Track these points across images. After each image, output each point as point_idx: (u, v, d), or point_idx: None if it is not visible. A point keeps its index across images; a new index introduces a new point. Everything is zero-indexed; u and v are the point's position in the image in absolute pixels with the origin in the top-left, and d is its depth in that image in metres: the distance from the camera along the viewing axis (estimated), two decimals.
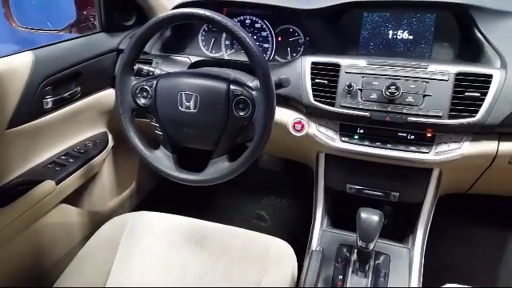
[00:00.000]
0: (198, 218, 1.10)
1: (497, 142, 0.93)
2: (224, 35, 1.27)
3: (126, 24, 1.31)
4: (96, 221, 1.29)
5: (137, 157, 0.97)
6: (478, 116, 0.88)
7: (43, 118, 1.06)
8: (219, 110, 0.88)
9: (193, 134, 0.92)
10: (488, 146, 0.93)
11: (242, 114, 0.88)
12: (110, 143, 1.32)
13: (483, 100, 0.88)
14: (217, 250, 0.99)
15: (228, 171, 0.89)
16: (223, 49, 1.27)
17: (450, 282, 0.89)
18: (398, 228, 1.16)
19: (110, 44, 1.25)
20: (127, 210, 1.51)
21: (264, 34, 1.22)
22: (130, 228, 1.05)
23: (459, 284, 0.88)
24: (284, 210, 1.74)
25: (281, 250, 1.00)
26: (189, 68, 1.17)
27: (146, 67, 1.06)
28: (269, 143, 0.89)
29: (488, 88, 0.88)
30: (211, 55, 1.28)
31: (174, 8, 1.18)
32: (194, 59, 1.19)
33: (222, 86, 0.88)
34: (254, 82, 0.94)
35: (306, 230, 1.19)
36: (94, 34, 1.26)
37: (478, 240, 1.51)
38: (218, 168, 0.91)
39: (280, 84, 0.90)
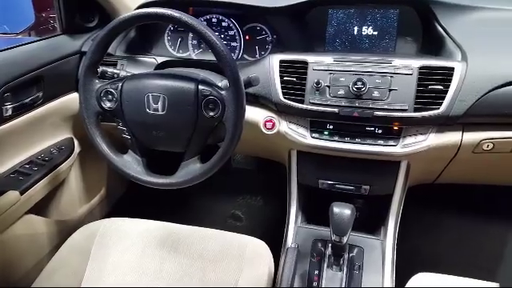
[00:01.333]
0: (171, 221, 1.08)
1: (461, 133, 0.96)
2: (191, 35, 1.25)
3: (89, 25, 1.27)
4: (65, 230, 1.25)
5: (105, 162, 0.94)
6: (442, 108, 0.91)
7: (3, 126, 1.01)
8: (188, 111, 0.87)
9: (162, 137, 0.90)
10: (453, 137, 0.97)
11: (211, 114, 0.87)
12: (77, 149, 1.28)
13: (446, 92, 0.91)
14: (192, 252, 0.98)
15: (200, 173, 0.88)
16: (190, 48, 1.25)
17: (422, 270, 0.92)
18: (370, 220, 1.18)
19: (72, 46, 1.21)
20: (98, 217, 1.47)
21: (231, 32, 1.21)
22: (101, 235, 1.03)
23: (431, 272, 0.91)
24: (259, 209, 1.74)
25: (257, 249, 1.00)
26: (155, 69, 1.15)
27: (110, 69, 1.03)
28: (241, 142, 0.88)
29: (450, 81, 0.91)
30: (178, 55, 1.26)
31: (137, 8, 1.15)
32: (160, 60, 1.17)
33: (191, 86, 0.87)
34: (223, 82, 0.94)
35: (281, 227, 1.20)
36: (55, 36, 1.22)
37: (446, 227, 1.57)
38: (190, 170, 0.90)
39: (249, 83, 0.90)
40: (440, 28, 1.01)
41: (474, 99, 0.90)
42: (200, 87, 0.87)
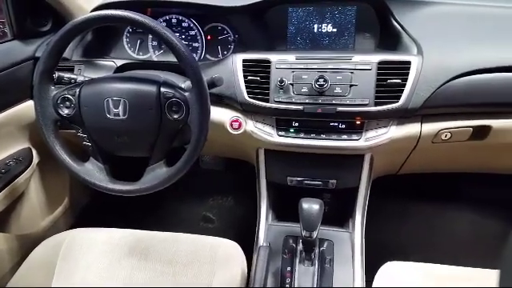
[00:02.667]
0: (141, 228, 1.06)
1: (420, 124, 1.00)
2: (151, 36, 1.22)
3: (42, 30, 1.21)
4: (27, 245, 1.19)
5: (67, 171, 0.90)
6: (401, 101, 0.94)
7: None
8: (151, 114, 0.85)
9: (125, 142, 0.88)
10: (412, 129, 1.00)
11: (175, 116, 0.86)
12: (35, 159, 1.22)
13: (404, 86, 0.94)
14: (163, 258, 0.96)
15: (167, 177, 0.86)
16: (151, 50, 1.23)
17: (391, 259, 0.95)
18: (339, 213, 1.21)
19: (25, 52, 1.15)
20: (62, 229, 1.40)
21: (192, 32, 1.20)
22: (66, 248, 0.99)
23: (399, 260, 0.94)
24: (230, 209, 1.73)
25: (229, 250, 0.99)
26: (115, 72, 1.12)
27: (67, 75, 0.99)
28: (207, 144, 0.87)
29: (408, 74, 0.94)
30: (138, 57, 1.23)
31: (93, 10, 1.11)
32: (119, 63, 1.14)
33: (152, 89, 0.85)
34: (186, 83, 0.92)
35: (253, 226, 1.20)
36: (6, 42, 1.15)
37: (411, 216, 1.63)
38: (156, 175, 0.88)
39: (213, 83, 0.89)
40: (396, 23, 1.05)
41: (431, 91, 0.93)
42: (162, 89, 0.85)
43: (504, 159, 1.19)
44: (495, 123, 0.99)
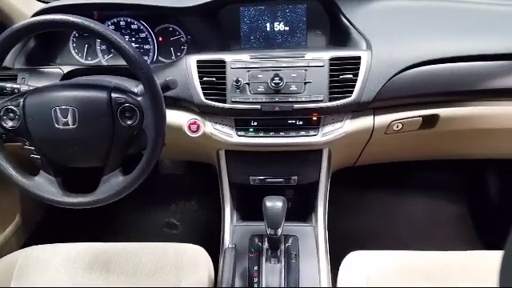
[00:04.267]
0: (101, 240, 1.02)
1: (372, 117, 1.03)
2: (99, 40, 1.17)
3: None
4: None
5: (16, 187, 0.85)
6: (354, 95, 0.96)
7: None
8: (103, 121, 0.82)
9: (76, 153, 0.84)
10: (366, 122, 1.03)
11: (129, 122, 0.83)
12: None
13: (356, 80, 0.96)
14: (126, 270, 0.93)
15: (123, 186, 0.84)
16: (100, 54, 1.18)
17: (354, 249, 0.97)
18: (302, 208, 1.23)
19: None
20: (14, 248, 1.33)
21: (142, 35, 1.16)
22: (20, 268, 0.93)
23: (361, 249, 0.97)
24: (194, 213, 1.71)
25: (194, 255, 0.98)
26: (62, 80, 1.06)
27: (9, 84, 0.93)
28: (166, 148, 0.85)
29: (358, 69, 0.97)
30: (87, 63, 1.17)
31: (34, 15, 1.05)
32: (66, 69, 1.09)
33: (102, 95, 0.82)
34: (138, 88, 0.90)
35: (219, 228, 1.19)
36: None
37: (370, 205, 1.69)
38: (112, 184, 0.85)
39: (167, 86, 0.87)
40: (345, 20, 1.07)
41: (381, 85, 0.97)
42: (113, 95, 0.82)
43: (452, 145, 1.26)
44: (443, 112, 1.04)
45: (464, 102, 1.04)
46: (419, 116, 1.04)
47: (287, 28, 1.14)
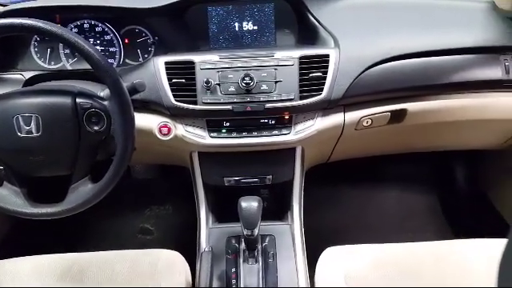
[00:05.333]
0: (74, 251, 0.98)
1: (343, 114, 1.05)
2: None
3: None
4: None
5: None
6: (324, 93, 0.97)
7: None
8: (68, 128, 0.79)
9: (41, 161, 0.81)
10: (336, 119, 1.05)
11: (96, 128, 0.81)
12: None
13: (325, 78, 0.97)
14: (99, 280, 0.90)
15: (93, 194, 0.81)
16: (63, 58, 1.13)
17: (331, 245, 0.98)
18: (277, 207, 1.23)
19: None
20: None
21: (108, 37, 1.13)
22: None
23: (337, 245, 0.98)
24: (169, 217, 1.68)
25: (170, 261, 0.96)
26: (23, 86, 1.02)
27: None
28: (136, 153, 0.83)
29: (327, 67, 0.98)
30: (50, 67, 1.13)
31: None
32: (28, 75, 1.04)
33: (67, 100, 0.79)
34: (104, 92, 0.87)
35: (195, 231, 1.18)
36: None
37: (344, 200, 1.72)
38: (81, 193, 0.82)
39: (134, 89, 0.85)
40: (312, 18, 1.08)
41: (350, 82, 0.98)
42: (78, 100, 0.80)
43: (421, 138, 1.29)
44: (410, 106, 1.07)
45: (430, 96, 1.08)
46: (388, 111, 1.07)
47: (256, 27, 1.14)
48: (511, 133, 1.26)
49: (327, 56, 0.98)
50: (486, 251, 0.92)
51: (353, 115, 1.05)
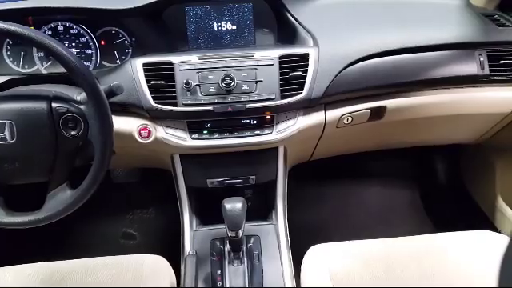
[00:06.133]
0: (55, 259, 0.96)
1: (324, 112, 1.05)
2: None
3: None
4: None
5: None
6: (304, 92, 0.98)
7: None
8: (44, 134, 0.77)
9: (17, 169, 0.78)
10: (318, 117, 1.05)
11: (73, 133, 0.78)
12: None
13: (305, 77, 0.98)
14: None
15: (72, 201, 0.79)
16: (38, 62, 1.10)
17: (314, 243, 0.99)
18: (261, 207, 1.23)
19: None
20: None
21: (83, 39, 1.10)
22: None
23: (322, 242, 0.98)
24: (152, 221, 1.66)
25: (154, 265, 0.94)
26: None
27: None
28: (116, 157, 0.82)
29: (307, 66, 0.98)
30: (24, 71, 1.09)
31: None
32: (1, 80, 1.00)
33: (42, 105, 0.77)
34: (81, 95, 0.85)
35: (179, 235, 1.16)
36: None
37: (328, 197, 1.73)
38: (59, 200, 0.80)
39: (111, 92, 0.83)
40: (291, 17, 1.08)
41: (329, 80, 0.98)
42: (54, 105, 0.77)
43: (400, 134, 1.31)
44: (389, 103, 1.08)
45: (408, 92, 1.09)
46: (367, 108, 1.08)
47: (234, 27, 1.13)
48: (487, 127, 1.29)
49: (307, 55, 0.99)
50: (467, 244, 0.94)
51: (333, 113, 1.06)
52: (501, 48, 1.08)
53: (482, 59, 1.07)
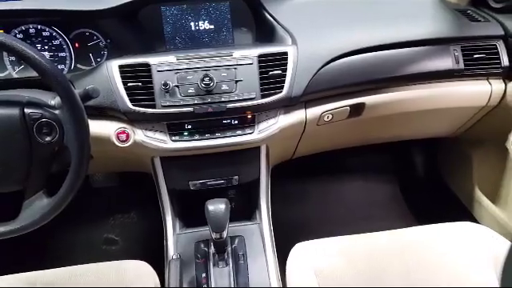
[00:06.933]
0: (36, 269, 0.93)
1: (304, 110, 1.06)
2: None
3: None
4: None
5: None
6: (284, 91, 0.97)
7: None
8: (17, 141, 0.74)
9: None
10: (298, 115, 1.05)
11: (48, 139, 0.76)
12: None
13: (285, 76, 0.97)
14: None
15: (49, 208, 0.76)
16: (9, 66, 1.06)
17: (299, 241, 0.99)
18: (245, 207, 1.22)
19: None
20: None
21: (56, 42, 1.07)
22: None
23: (306, 240, 0.99)
24: (135, 226, 1.63)
25: (137, 271, 0.93)
26: None
27: None
28: (94, 162, 0.80)
29: (286, 64, 0.98)
30: None
31: None
32: None
33: (14, 111, 0.74)
34: (55, 100, 0.82)
35: (162, 239, 1.15)
36: None
37: (311, 195, 1.74)
38: (36, 208, 0.77)
39: (87, 96, 0.81)
40: (269, 16, 1.08)
41: (309, 78, 0.99)
42: (27, 111, 0.75)
43: (380, 130, 1.33)
44: (368, 100, 1.09)
45: (386, 88, 1.11)
46: (347, 105, 1.09)
47: (212, 26, 1.12)
48: (463, 120, 1.32)
49: (285, 53, 0.98)
50: (448, 236, 0.96)
51: (314, 111, 1.06)
52: (474, 42, 1.11)
53: (456, 54, 1.09)
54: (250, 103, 0.97)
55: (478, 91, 1.16)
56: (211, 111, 0.96)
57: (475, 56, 1.10)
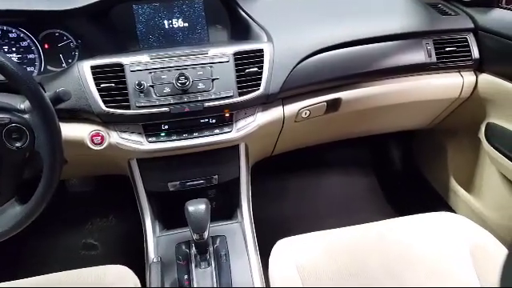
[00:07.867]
0: (13, 278, 0.89)
1: (282, 107, 1.06)
2: None
3: None
4: None
5: None
6: (262, 88, 0.97)
7: None
8: None
9: None
10: (276, 112, 1.05)
11: (18, 144, 0.73)
12: None
13: (261, 73, 0.97)
14: None
15: (22, 216, 0.73)
16: None
17: (280, 237, 0.99)
18: (226, 206, 1.22)
19: None
20: None
21: (24, 43, 1.03)
22: None
23: (290, 235, 0.99)
24: (113, 229, 1.59)
25: (118, 276, 0.91)
26: None
27: None
28: (68, 166, 0.77)
29: (263, 62, 0.97)
30: None
31: None
32: None
33: None
34: (25, 104, 0.79)
35: (142, 241, 1.12)
36: None
37: (289, 192, 1.75)
38: (9, 216, 0.74)
39: (58, 99, 0.78)
40: (243, 13, 1.07)
41: (286, 75, 0.99)
42: None
43: (356, 125, 1.35)
44: (344, 95, 1.10)
45: (362, 83, 1.12)
46: (323, 101, 1.09)
47: (186, 24, 1.10)
48: (437, 112, 1.35)
49: (261, 51, 0.98)
50: (426, 226, 0.98)
51: (291, 108, 1.06)
52: (445, 36, 1.13)
53: (429, 47, 1.11)
54: (227, 101, 0.96)
55: (451, 84, 1.19)
56: (188, 111, 0.95)
57: (447, 49, 1.13)
